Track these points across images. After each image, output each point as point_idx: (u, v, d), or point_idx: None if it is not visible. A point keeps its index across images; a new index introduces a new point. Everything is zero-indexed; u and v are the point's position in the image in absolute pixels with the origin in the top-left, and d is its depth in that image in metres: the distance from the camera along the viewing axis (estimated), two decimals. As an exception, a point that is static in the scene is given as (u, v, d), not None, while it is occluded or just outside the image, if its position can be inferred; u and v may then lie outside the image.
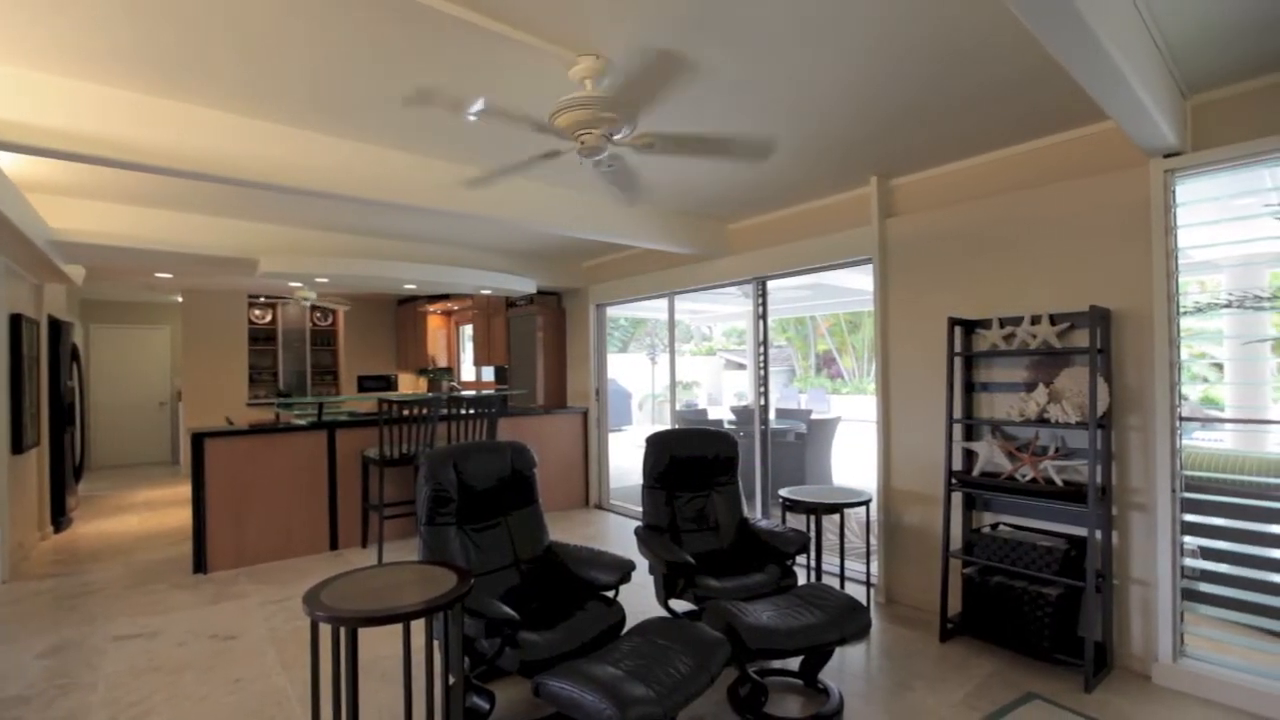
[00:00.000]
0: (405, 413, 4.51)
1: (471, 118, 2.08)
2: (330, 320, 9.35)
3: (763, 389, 4.72)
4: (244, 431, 4.44)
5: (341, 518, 4.78)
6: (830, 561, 3.95)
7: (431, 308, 8.69)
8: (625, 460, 7.39)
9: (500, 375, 7.72)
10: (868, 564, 3.81)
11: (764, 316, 4.73)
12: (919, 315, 3.55)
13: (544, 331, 6.75)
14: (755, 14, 2.01)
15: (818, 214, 4.20)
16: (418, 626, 2.84)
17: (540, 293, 6.69)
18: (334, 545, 4.74)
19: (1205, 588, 2.63)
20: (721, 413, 9.13)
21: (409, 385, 9.54)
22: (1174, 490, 2.66)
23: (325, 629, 2.62)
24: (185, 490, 6.84)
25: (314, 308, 9.11)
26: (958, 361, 3.29)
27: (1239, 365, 3.42)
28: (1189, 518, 2.67)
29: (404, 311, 9.51)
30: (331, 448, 4.76)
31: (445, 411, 4.73)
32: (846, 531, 4.35)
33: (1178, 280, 2.66)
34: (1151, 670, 2.70)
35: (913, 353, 3.58)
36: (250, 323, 8.50)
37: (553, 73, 2.34)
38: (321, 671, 1.84)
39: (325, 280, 5.49)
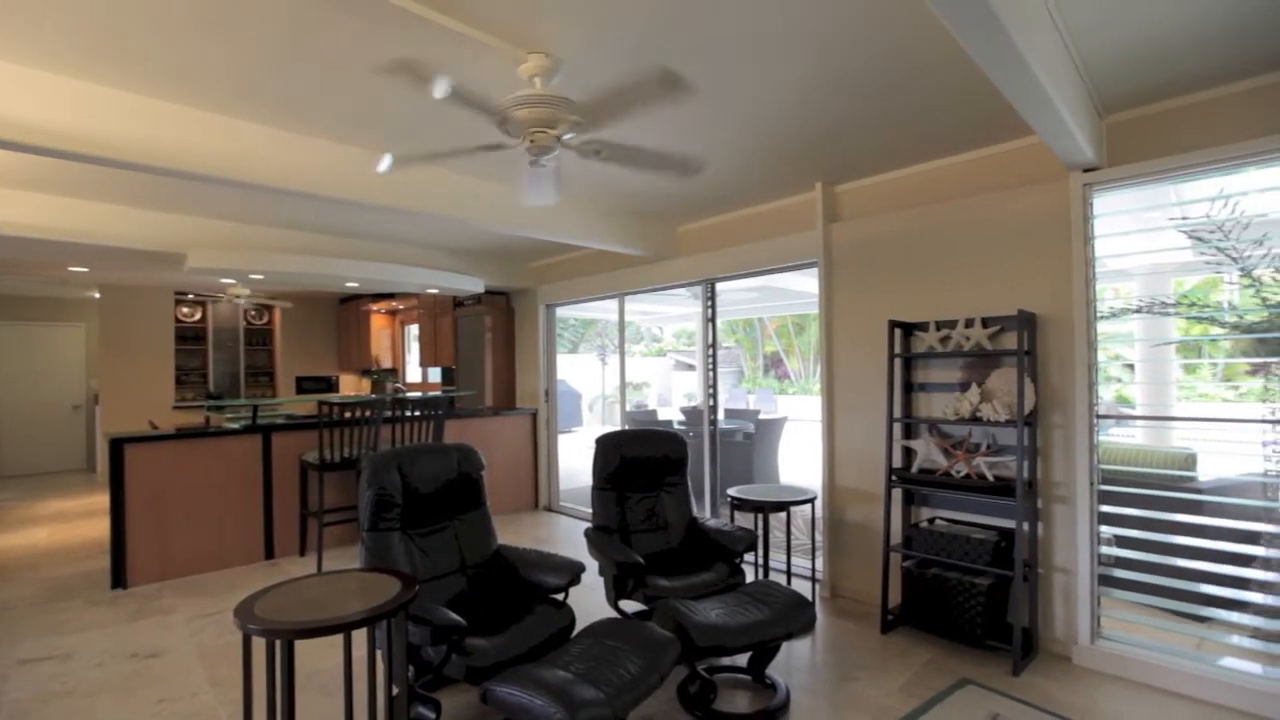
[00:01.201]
0: (347, 415, 4.36)
1: (440, 93, 1.99)
2: (266, 319, 8.94)
3: (712, 390, 4.78)
4: (170, 436, 4.19)
5: (278, 525, 4.58)
6: (777, 558, 4.04)
7: (375, 307, 8.42)
8: (575, 461, 7.36)
9: (447, 376, 7.55)
10: (813, 560, 3.91)
11: (713, 318, 4.79)
12: (861, 318, 3.67)
13: (492, 332, 6.64)
14: (709, 28, 2.04)
15: (765, 218, 4.29)
16: (359, 636, 2.74)
17: (488, 292, 6.58)
18: (269, 554, 4.52)
19: (1119, 573, 2.82)
20: (671, 413, 9.20)
21: (351, 387, 9.21)
22: (1092, 483, 2.84)
23: (259, 642, 2.50)
24: (102, 500, 6.39)
25: (248, 305, 8.68)
26: (897, 362, 3.41)
27: (1148, 366, 3.68)
28: (1105, 508, 2.86)
29: (346, 310, 9.18)
30: (267, 452, 4.55)
31: (389, 413, 4.59)
32: (793, 529, 4.45)
33: (1095, 287, 2.85)
34: (1072, 652, 2.87)
35: (856, 354, 3.70)
36: (178, 321, 8.03)
37: (500, 68, 2.30)
38: (255, 688, 1.75)
39: (260, 277, 5.24)
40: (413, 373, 8.57)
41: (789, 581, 3.63)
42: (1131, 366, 3.76)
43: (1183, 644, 2.74)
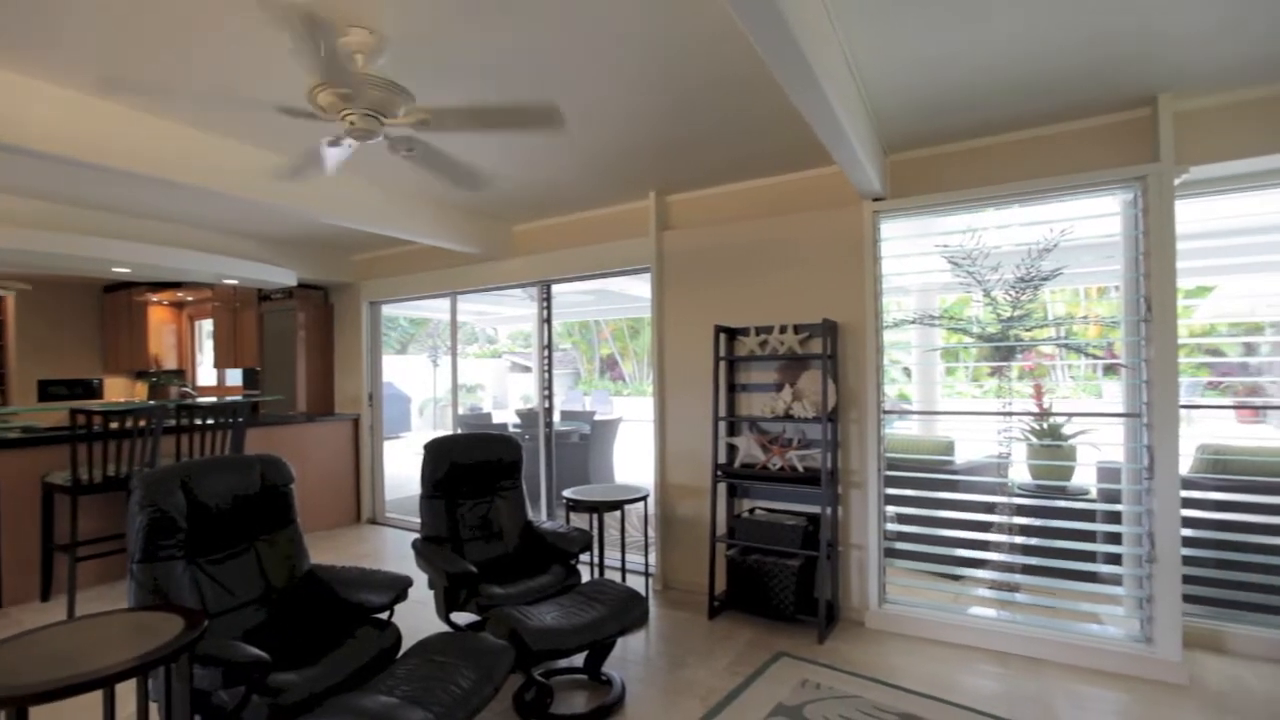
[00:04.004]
0: (113, 426, 3.64)
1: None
2: (-7, 309, 7.17)
3: (547, 392, 4.76)
4: None
5: (8, 565, 3.69)
6: (612, 556, 4.12)
7: (155, 297, 7.15)
8: (404, 470, 6.89)
9: (250, 379, 6.66)
10: (646, 555, 4.06)
11: (549, 320, 4.78)
12: (691, 322, 3.89)
13: (307, 330, 5.99)
14: (547, 41, 2.02)
15: (601, 222, 4.37)
16: (127, 691, 2.30)
17: (302, 286, 5.92)
18: (-4, 602, 3.64)
19: (900, 545, 3.30)
20: (507, 416, 9.01)
21: (122, 392, 7.73)
22: (879, 469, 3.29)
23: (-22, 713, 1.99)
24: None
25: (-35, 292, 6.90)
26: (722, 365, 3.66)
27: (920, 368, 4.36)
28: (889, 491, 3.33)
29: (115, 300, 7.67)
30: (-7, 475, 3.65)
31: (173, 422, 3.93)
32: (627, 526, 4.59)
33: (881, 300, 3.30)
34: (865, 617, 3.29)
35: (685, 357, 3.91)
36: None
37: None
38: (-30, 771, 1.38)
39: (-16, 256, 4.20)
40: (205, 375, 7.44)
41: (624, 578, 3.73)
42: (909, 369, 4.42)
43: (944, 600, 3.28)
